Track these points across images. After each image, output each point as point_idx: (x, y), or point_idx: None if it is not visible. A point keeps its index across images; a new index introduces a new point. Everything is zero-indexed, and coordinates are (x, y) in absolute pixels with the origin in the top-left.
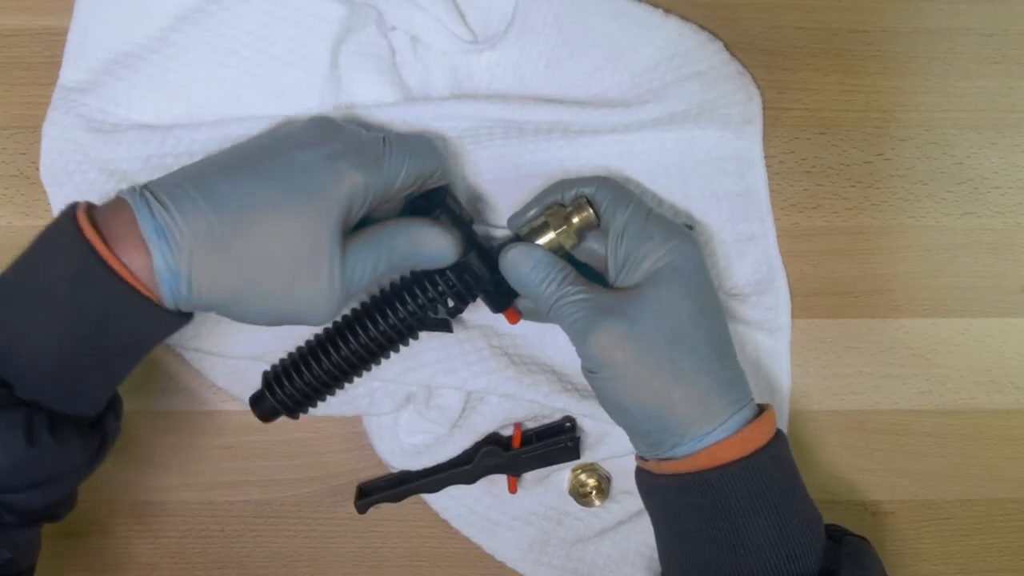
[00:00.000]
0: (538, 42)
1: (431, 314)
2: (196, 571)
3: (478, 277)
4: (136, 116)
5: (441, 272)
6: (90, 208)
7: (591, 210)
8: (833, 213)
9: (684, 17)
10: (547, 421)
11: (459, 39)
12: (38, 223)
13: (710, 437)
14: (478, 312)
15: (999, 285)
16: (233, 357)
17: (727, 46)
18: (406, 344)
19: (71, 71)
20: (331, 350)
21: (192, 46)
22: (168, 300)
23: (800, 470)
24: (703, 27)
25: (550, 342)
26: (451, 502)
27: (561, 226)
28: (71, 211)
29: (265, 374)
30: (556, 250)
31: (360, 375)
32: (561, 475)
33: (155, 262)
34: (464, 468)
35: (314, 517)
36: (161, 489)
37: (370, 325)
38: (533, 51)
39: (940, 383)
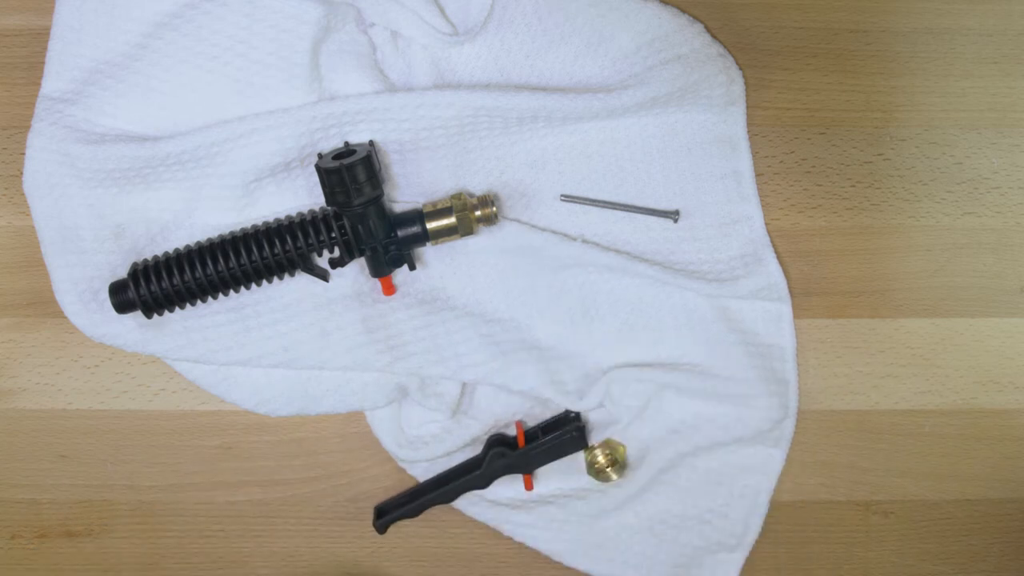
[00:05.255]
0: (518, 33)
1: (316, 255)
2: (196, 571)
3: (371, 233)
4: (122, 125)
5: (338, 218)
6: None
7: (494, 208)
8: (833, 213)
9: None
10: (550, 415)
11: (439, 32)
12: None
13: None
14: (468, 298)
15: (999, 285)
16: (223, 364)
17: (707, 28)
18: (280, 278)
19: (53, 80)
20: (208, 263)
21: (173, 52)
22: None
23: (801, 470)
24: (683, 10)
25: (539, 326)
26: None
27: (463, 211)
28: None
29: (134, 265)
30: (449, 233)
31: (227, 294)
32: (576, 456)
33: None
34: (476, 473)
35: (314, 517)
36: (161, 489)
37: (254, 250)
38: (513, 42)
39: (940, 383)
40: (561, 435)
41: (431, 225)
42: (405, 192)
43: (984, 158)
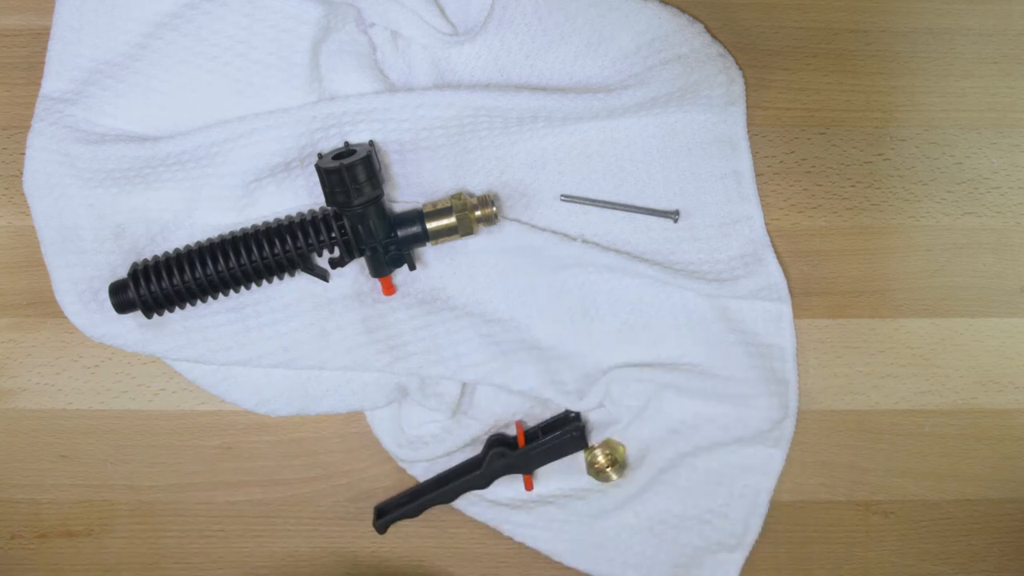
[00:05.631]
0: (518, 33)
1: (316, 255)
2: (196, 571)
3: (371, 233)
4: (122, 125)
5: (338, 218)
6: None
7: (495, 208)
8: (833, 213)
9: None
10: (550, 415)
11: (439, 32)
12: None
13: None
14: (468, 298)
15: (999, 285)
16: (223, 364)
17: (707, 28)
18: (280, 278)
19: (53, 80)
20: (208, 263)
21: (173, 52)
22: None
23: (801, 470)
24: (683, 10)
25: (539, 326)
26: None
27: (463, 211)
28: None
29: (134, 265)
30: (449, 233)
31: (227, 294)
32: (576, 456)
33: None
34: (476, 473)
35: (314, 517)
36: (161, 489)
37: (254, 250)
38: (513, 42)
39: (940, 383)
40: (561, 435)
41: (431, 225)
42: (405, 192)
43: (984, 158)
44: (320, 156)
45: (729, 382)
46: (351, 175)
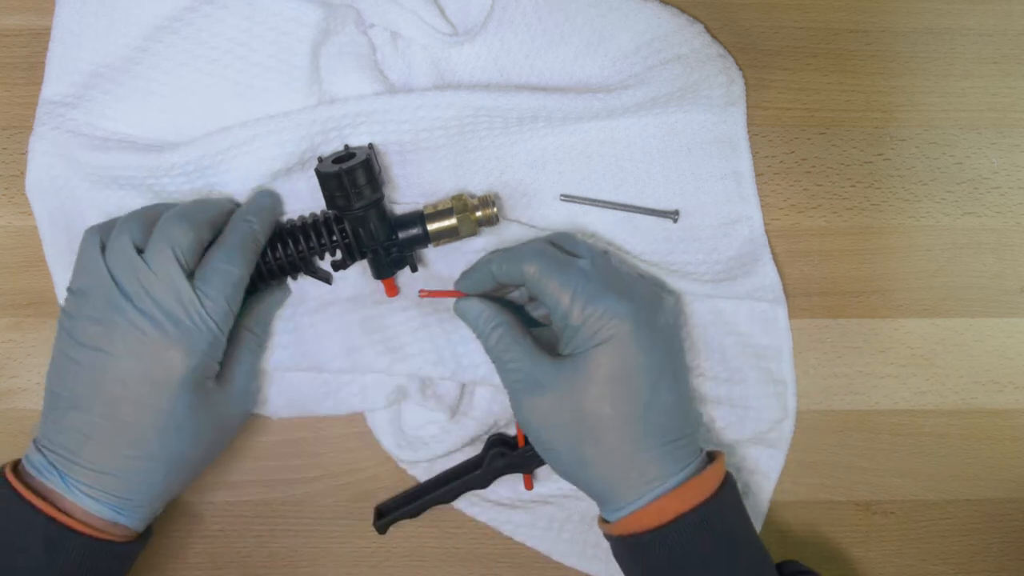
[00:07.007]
0: (518, 33)
1: (317, 259)
2: (196, 571)
3: (372, 236)
4: (123, 128)
5: (339, 221)
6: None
7: (495, 209)
8: (833, 213)
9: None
10: None
11: (439, 32)
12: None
13: (632, 506)
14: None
15: (999, 285)
16: None
17: (707, 28)
18: (283, 281)
19: (54, 84)
20: None
21: (173, 55)
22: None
23: (800, 470)
24: (683, 10)
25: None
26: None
27: (463, 212)
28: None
29: None
30: (450, 235)
31: None
32: None
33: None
34: (476, 473)
35: (314, 517)
36: None
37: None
38: (513, 42)
39: (940, 383)
40: None
41: (432, 227)
42: (406, 194)
43: (984, 158)
44: (320, 160)
45: (728, 383)
46: (350, 179)
